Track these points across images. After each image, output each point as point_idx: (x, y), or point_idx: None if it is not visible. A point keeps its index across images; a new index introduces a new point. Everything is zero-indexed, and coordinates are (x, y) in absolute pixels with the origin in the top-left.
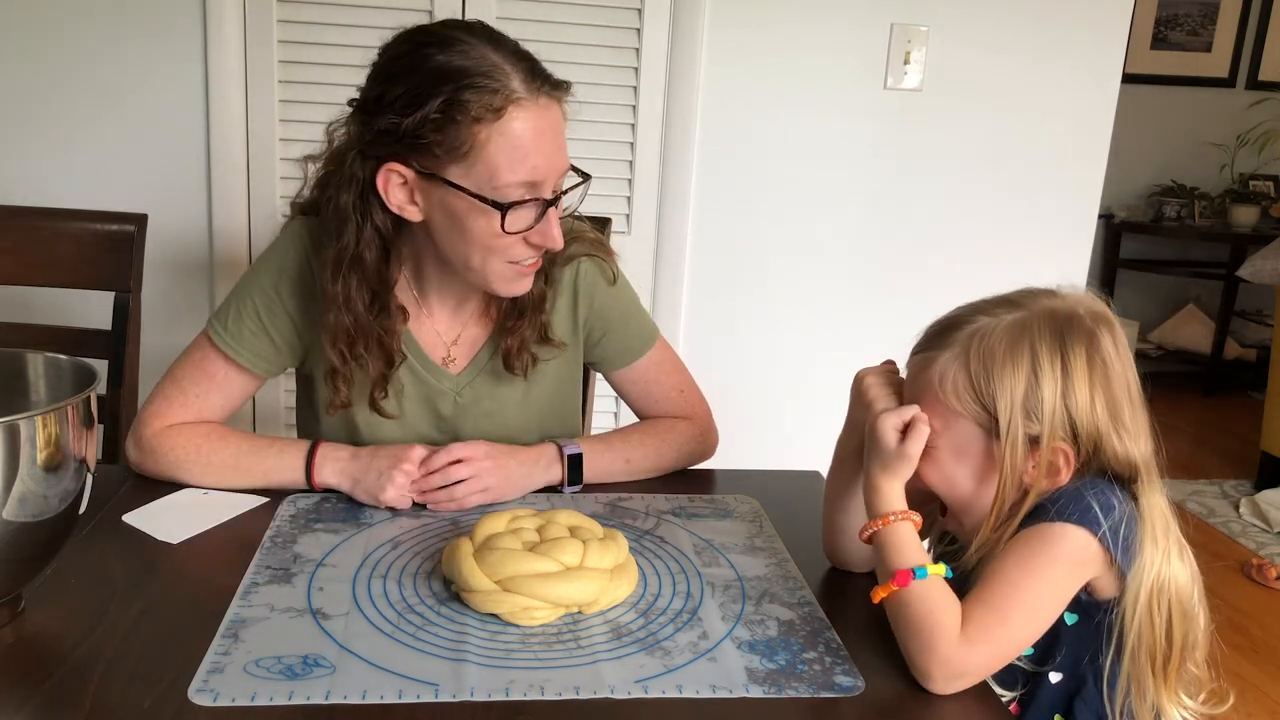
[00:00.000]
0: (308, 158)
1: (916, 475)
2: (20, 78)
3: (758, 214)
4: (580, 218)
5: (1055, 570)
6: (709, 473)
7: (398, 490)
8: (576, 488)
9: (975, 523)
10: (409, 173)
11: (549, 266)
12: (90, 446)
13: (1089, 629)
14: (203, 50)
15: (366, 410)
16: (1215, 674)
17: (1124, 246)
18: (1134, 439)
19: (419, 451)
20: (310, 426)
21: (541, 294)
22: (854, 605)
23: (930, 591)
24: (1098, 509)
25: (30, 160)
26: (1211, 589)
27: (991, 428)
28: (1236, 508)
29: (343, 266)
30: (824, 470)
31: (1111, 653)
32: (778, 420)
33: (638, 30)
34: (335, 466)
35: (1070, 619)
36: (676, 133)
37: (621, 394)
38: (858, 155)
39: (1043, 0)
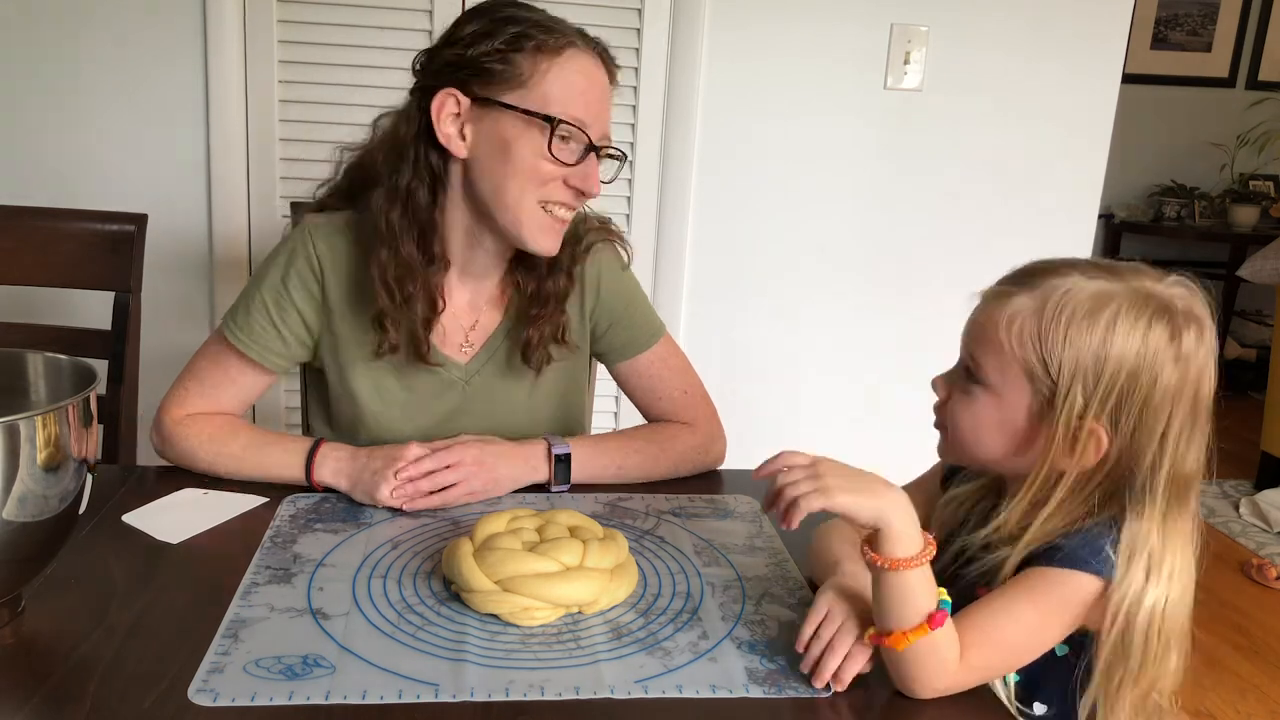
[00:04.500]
0: (343, 147)
1: (944, 412)
2: (20, 77)
3: (758, 214)
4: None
5: (1065, 614)
6: (709, 472)
7: (392, 489)
8: (564, 488)
9: (981, 468)
10: (464, 101)
11: (569, 264)
12: (90, 446)
13: (1079, 659)
14: (203, 50)
15: (386, 383)
16: (1177, 706)
17: (1124, 246)
18: (1184, 452)
19: (414, 451)
20: (315, 422)
21: (567, 290)
22: None
23: (946, 631)
24: (1112, 553)
25: (30, 160)
26: (1211, 589)
27: (1040, 388)
28: (1236, 508)
29: (395, 201)
30: None
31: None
32: (778, 420)
33: (638, 30)
34: (333, 466)
35: (1061, 650)
36: (676, 133)
37: (625, 389)
38: (858, 155)
39: (1043, 0)
